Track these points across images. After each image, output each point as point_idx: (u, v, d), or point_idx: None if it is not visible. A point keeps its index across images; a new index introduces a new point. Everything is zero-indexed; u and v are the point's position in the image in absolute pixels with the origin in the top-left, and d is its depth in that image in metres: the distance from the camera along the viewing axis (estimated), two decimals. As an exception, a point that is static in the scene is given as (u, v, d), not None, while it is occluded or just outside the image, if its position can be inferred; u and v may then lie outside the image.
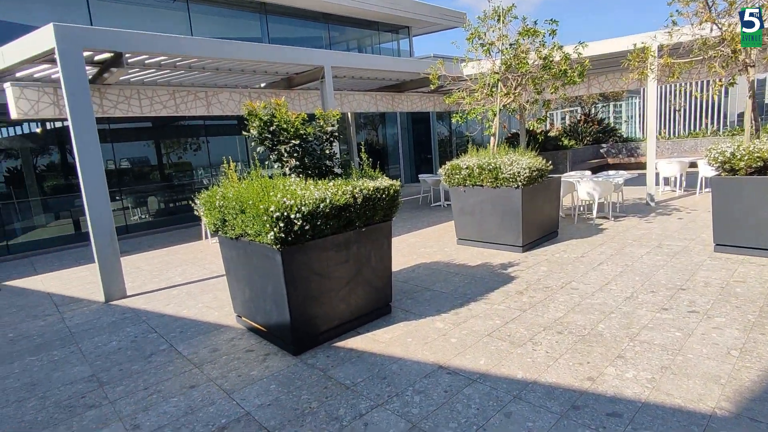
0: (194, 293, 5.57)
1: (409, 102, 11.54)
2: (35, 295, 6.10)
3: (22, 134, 9.99)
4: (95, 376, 3.58)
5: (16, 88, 5.82)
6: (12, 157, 9.63)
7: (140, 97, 6.95)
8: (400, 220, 9.46)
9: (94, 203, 5.27)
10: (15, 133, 9.89)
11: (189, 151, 12.37)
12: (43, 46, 5.04)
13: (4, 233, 9.11)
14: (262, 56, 6.60)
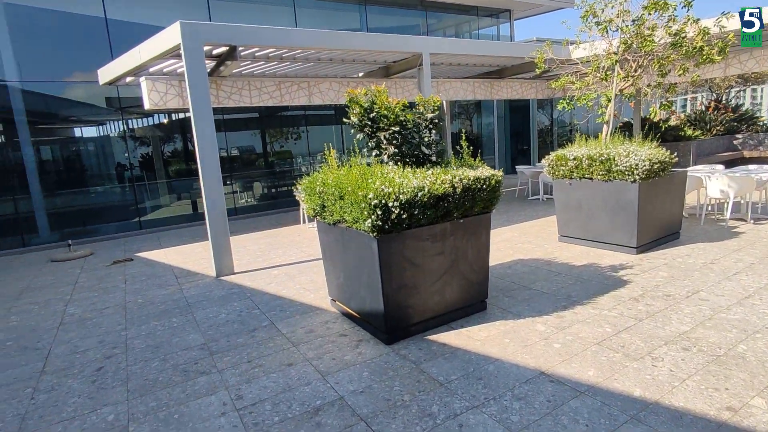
0: (293, 274, 5.84)
1: (509, 89, 10.95)
2: (160, 266, 6.86)
3: (152, 124, 11.30)
4: (206, 345, 3.90)
5: (149, 81, 6.55)
6: (144, 144, 10.95)
7: (250, 88, 7.45)
8: (496, 213, 9.06)
9: (210, 187, 5.73)
10: (147, 124, 11.22)
11: (290, 140, 13.07)
12: (170, 42, 5.56)
13: (137, 211, 10.42)
14: (362, 45, 6.64)
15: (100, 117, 10.36)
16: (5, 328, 4.73)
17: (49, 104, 9.83)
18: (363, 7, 12.90)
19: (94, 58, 8.96)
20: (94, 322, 4.68)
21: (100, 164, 10.84)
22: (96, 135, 10.77)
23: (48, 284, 6.33)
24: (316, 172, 4.33)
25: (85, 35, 9.65)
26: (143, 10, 10.23)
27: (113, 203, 10.73)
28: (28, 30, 9.13)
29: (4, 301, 5.69)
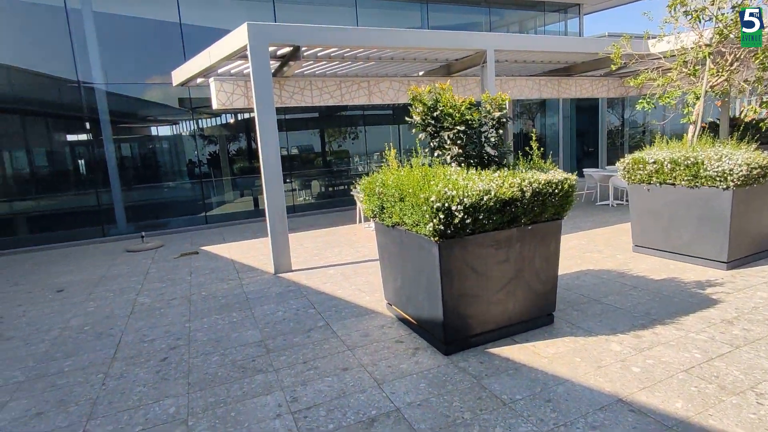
0: (348, 275, 5.81)
1: (578, 87, 10.32)
2: (222, 260, 7.11)
3: (219, 124, 11.83)
4: (263, 342, 3.92)
5: (217, 82, 6.81)
6: (212, 143, 11.48)
7: (311, 87, 7.54)
8: (559, 218, 8.56)
9: (271, 186, 5.83)
10: (214, 123, 11.76)
11: (347, 140, 13.19)
12: (238, 43, 5.71)
13: (204, 206, 10.94)
14: (424, 42, 6.49)
15: (173, 117, 10.98)
16: (84, 313, 5.06)
17: (128, 105, 10.56)
18: (424, 6, 12.72)
19: (169, 61, 9.50)
20: (161, 312, 4.89)
21: (171, 161, 11.50)
22: (169, 134, 11.44)
23: (123, 273, 6.75)
24: (375, 173, 4.24)
25: (162, 40, 10.26)
26: (214, 15, 10.72)
27: (182, 198, 11.35)
28: (112, 36, 9.85)
29: (86, 287, 6.12)
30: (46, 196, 10.21)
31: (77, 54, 9.26)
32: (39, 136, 10.49)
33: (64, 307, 5.30)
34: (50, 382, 3.49)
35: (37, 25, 9.38)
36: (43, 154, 10.57)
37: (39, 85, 9.73)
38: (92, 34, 9.50)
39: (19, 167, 10.34)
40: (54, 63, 9.47)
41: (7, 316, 5.14)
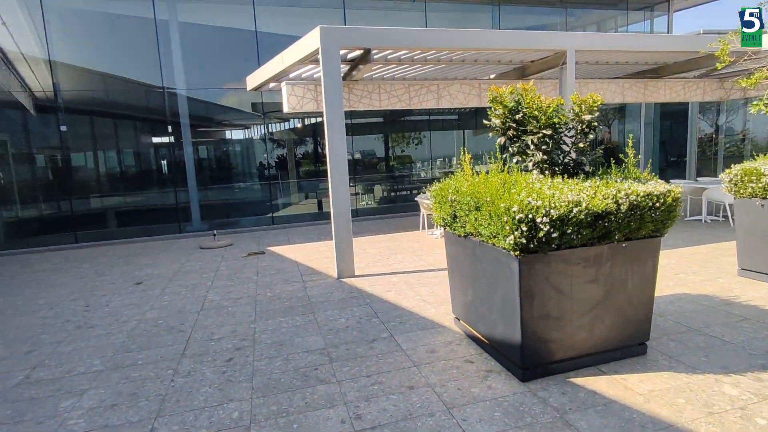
0: (412, 284, 5.60)
1: (668, 90, 9.41)
2: (287, 262, 7.19)
3: (287, 128, 12.16)
4: (326, 350, 3.82)
5: (288, 86, 6.94)
6: (280, 146, 11.82)
7: (380, 91, 7.46)
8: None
9: (337, 190, 5.79)
10: (283, 128, 12.10)
11: (411, 145, 13.05)
12: (310, 46, 5.74)
13: (271, 207, 11.26)
14: (500, 43, 6.17)
15: (246, 121, 11.44)
16: (159, 306, 5.28)
17: (206, 109, 11.15)
18: (496, 7, 12.30)
19: (244, 67, 9.89)
20: (228, 311, 4.97)
21: (243, 163, 12.00)
22: (241, 137, 11.94)
23: (195, 269, 7.02)
24: (447, 178, 4.01)
25: (237, 47, 10.73)
26: (287, 22, 11.05)
27: (252, 199, 11.78)
28: (194, 44, 10.44)
29: (161, 281, 6.43)
30: (131, 193, 11.01)
31: (163, 61, 9.90)
32: (127, 137, 11.36)
33: (142, 300, 5.57)
34: (125, 374, 3.60)
35: (129, 35, 10.16)
36: (130, 154, 11.44)
37: (129, 91, 10.53)
38: (177, 42, 10.12)
39: (110, 166, 11.25)
40: (142, 70, 10.20)
41: (93, 305, 5.49)
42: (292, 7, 11.25)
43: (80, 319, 5.00)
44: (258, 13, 10.40)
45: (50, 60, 9.37)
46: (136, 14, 10.04)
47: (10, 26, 9.74)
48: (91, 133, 10.72)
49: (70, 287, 6.36)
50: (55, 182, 10.06)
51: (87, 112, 10.37)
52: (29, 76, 9.77)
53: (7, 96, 9.55)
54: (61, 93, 9.60)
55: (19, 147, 10.10)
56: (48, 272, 7.41)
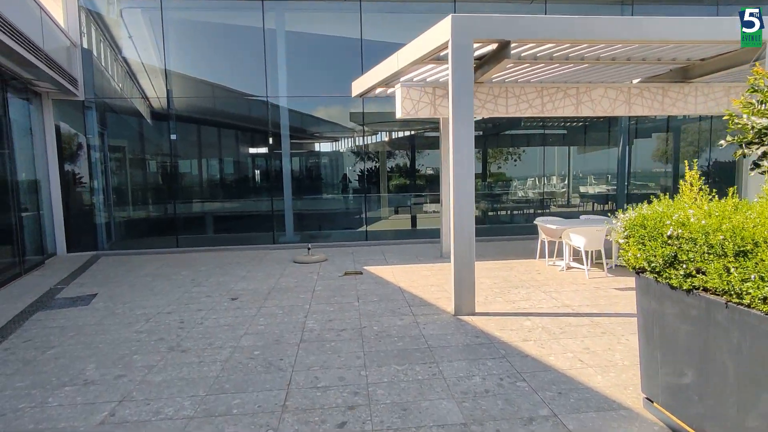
0: (554, 332, 4.44)
1: None
2: (389, 286, 6.35)
3: (381, 140, 11.52)
4: (468, 428, 2.83)
5: (404, 88, 6.19)
6: (374, 158, 11.20)
7: (507, 95, 6.44)
8: None
9: (461, 207, 4.84)
10: (377, 140, 11.49)
11: (509, 161, 11.86)
12: (437, 40, 4.91)
13: (365, 222, 10.62)
14: (674, 34, 4.86)
15: (342, 132, 11.00)
16: (255, 332, 4.67)
17: (305, 120, 10.90)
18: (628, 7, 10.71)
19: (345, 76, 9.44)
20: (332, 347, 4.20)
21: (335, 175, 11.57)
22: (336, 148, 11.53)
23: (291, 287, 6.45)
24: (647, 205, 2.87)
25: (341, 55, 10.36)
26: (389, 29, 10.51)
27: (345, 212, 11.29)
28: (298, 53, 10.24)
29: (257, 298, 5.90)
30: (230, 200, 11.03)
31: (268, 71, 9.76)
32: (229, 146, 11.46)
33: (237, 321, 5.02)
34: (217, 427, 2.91)
35: (237, 45, 10.21)
36: (231, 163, 11.53)
37: (233, 101, 10.58)
38: (282, 52, 9.96)
39: (212, 173, 11.42)
40: (248, 80, 10.18)
41: (188, 322, 5.04)
42: (395, 13, 10.69)
43: (174, 338, 4.53)
44: (364, 20, 9.94)
45: (166, 70, 9.63)
46: (246, 23, 10.07)
47: (135, 39, 10.24)
48: (197, 141, 10.93)
49: (167, 297, 6.07)
50: (164, 186, 10.31)
51: (195, 121, 10.58)
52: (147, 86, 10.17)
53: (128, 104, 9.99)
54: (174, 102, 9.82)
55: (135, 152, 10.53)
56: (150, 277, 7.30)
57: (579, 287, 6.09)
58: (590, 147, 12.88)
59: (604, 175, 12.62)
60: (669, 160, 12.38)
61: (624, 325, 4.59)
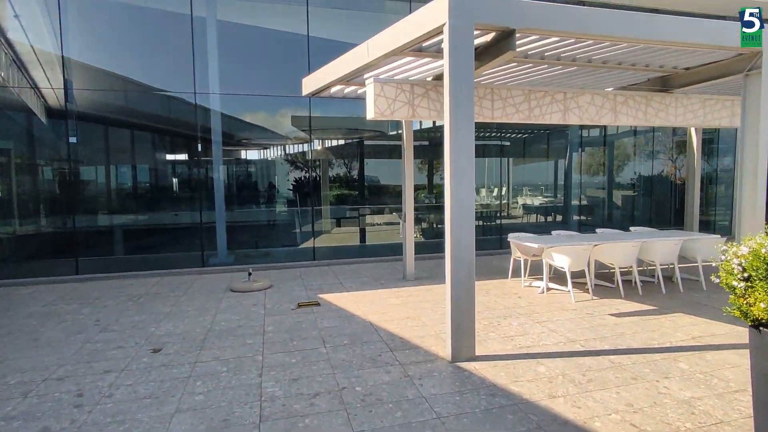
0: (578, 381, 3.63)
1: None
2: (357, 322, 5.26)
3: (330, 147, 10.45)
4: None
5: (377, 84, 5.18)
6: (321, 167, 10.05)
7: (493, 98, 5.69)
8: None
9: (459, 228, 3.93)
10: (326, 146, 10.38)
11: None
12: (428, 24, 3.99)
13: (311, 239, 9.38)
14: (683, 34, 4.39)
15: (283, 139, 9.73)
16: (191, 406, 3.34)
17: (237, 123, 9.50)
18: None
19: (288, 74, 8.27)
20: (306, 426, 3.03)
21: (276, 185, 10.24)
22: (276, 155, 10.22)
23: (232, 328, 5.11)
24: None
25: (285, 52, 9.16)
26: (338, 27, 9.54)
27: (287, 227, 9.99)
28: (233, 46, 8.88)
29: (188, 348, 4.51)
30: (147, 213, 9.24)
31: (197, 65, 8.29)
32: (147, 152, 9.66)
33: (163, 387, 3.64)
34: None
35: (156, 33, 8.61)
36: (148, 170, 9.72)
37: (155, 99, 8.91)
38: (214, 44, 8.54)
39: (123, 182, 9.54)
40: (170, 74, 8.59)
41: (89, 394, 3.56)
42: (346, 9, 9.73)
43: (67, 427, 3.08)
44: (311, 15, 8.85)
45: (63, 58, 7.77)
46: (169, 8, 8.51)
47: (24, 18, 8.22)
48: (105, 144, 9.05)
49: (59, 351, 4.46)
50: (61, 196, 8.32)
51: (102, 120, 8.73)
52: (41, 77, 8.19)
53: (13, 97, 7.94)
54: (74, 97, 7.97)
55: (24, 156, 8.42)
56: (37, 319, 5.53)
57: (571, 314, 5.44)
58: (534, 158, 12.83)
59: (548, 187, 12.58)
60: (604, 172, 12.62)
61: (648, 365, 3.92)
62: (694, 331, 4.80)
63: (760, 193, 4.90)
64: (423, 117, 5.36)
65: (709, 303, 5.83)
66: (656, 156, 13.09)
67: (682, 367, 3.90)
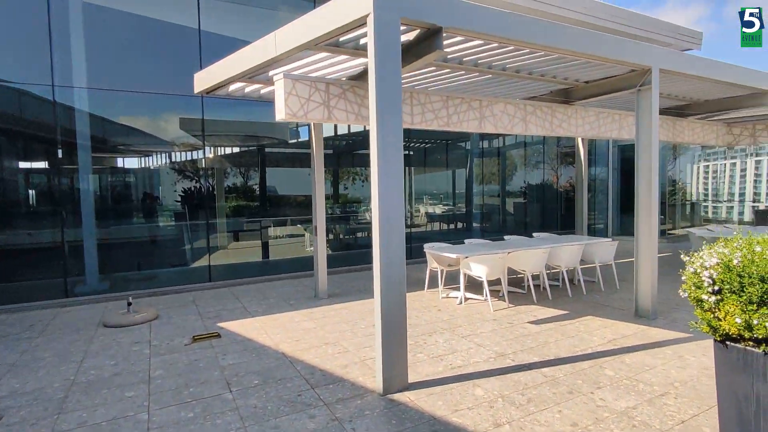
0: (518, 402, 3.41)
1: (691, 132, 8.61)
2: (268, 354, 4.54)
3: (223, 155, 9.47)
4: None
5: (287, 81, 4.54)
6: (214, 176, 9.02)
7: (412, 102, 5.39)
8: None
9: (389, 244, 3.51)
10: (218, 153, 9.37)
11: (357, 183, 11.18)
12: (348, 14, 3.54)
13: (198, 254, 8.28)
14: (593, 47, 4.53)
15: (168, 145, 8.52)
16: (41, 505, 2.40)
17: (108, 125, 8.08)
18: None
19: (178, 73, 7.23)
20: None
21: (161, 196, 8.91)
22: (160, 163, 8.92)
23: (107, 377, 4.06)
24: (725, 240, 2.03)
25: (173, 46, 8.03)
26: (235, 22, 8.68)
27: (175, 244, 8.70)
28: (103, 36, 7.54)
29: (44, 410, 3.42)
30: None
31: (55, 53, 6.84)
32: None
33: (-2, 481, 2.61)
34: None
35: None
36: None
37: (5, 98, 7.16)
38: (79, 29, 7.15)
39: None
40: (22, 64, 6.98)
41: None
42: (243, 5, 8.90)
43: None
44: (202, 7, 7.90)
45: None
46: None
47: None
48: None
49: None
50: None
51: None
52: None
53: None
54: None
55: None
56: None
57: (493, 325, 5.34)
58: (434, 168, 13.10)
59: (446, 195, 12.92)
60: (498, 182, 13.35)
61: (579, 376, 3.87)
62: (607, 333, 4.96)
63: (654, 196, 5.28)
64: (340, 120, 4.87)
65: (610, 303, 6.19)
66: (541, 166, 14.18)
67: (608, 374, 3.91)
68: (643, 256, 5.34)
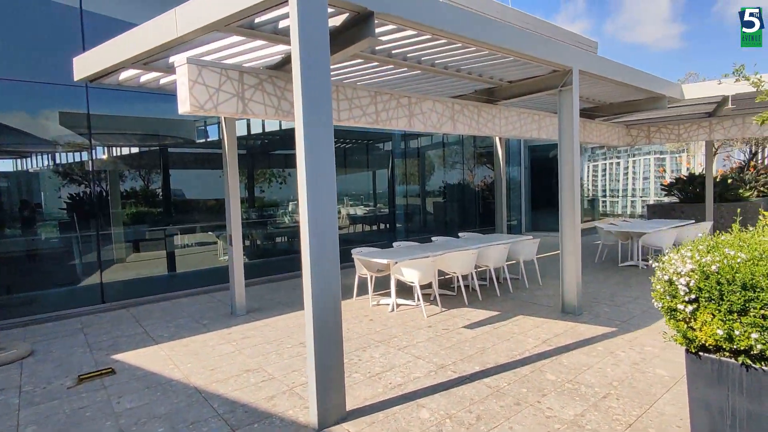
0: (467, 422, 3.15)
1: (598, 132, 9.16)
2: (176, 391, 3.83)
3: (116, 156, 8.30)
4: None
5: (192, 67, 3.82)
6: (107, 180, 7.82)
7: (338, 97, 4.91)
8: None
9: (321, 258, 3.06)
10: (110, 155, 8.17)
11: (274, 185, 10.55)
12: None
13: (90, 270, 7.09)
14: (518, 44, 4.45)
15: (46, 144, 7.19)
16: None
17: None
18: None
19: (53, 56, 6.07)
20: None
21: (38, 203, 7.50)
22: (37, 165, 7.50)
23: (-50, 446, 3.10)
24: (729, 238, 1.90)
25: (44, 26, 6.74)
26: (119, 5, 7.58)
27: (58, 259, 7.35)
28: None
29: None
30: None
31: None
32: None
33: None
34: None
35: None
36: None
37: None
38: None
39: None
40: None
41: None
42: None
43: None
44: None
45: None
46: None
47: None
48: None
49: None
50: None
51: None
52: None
53: None
54: None
55: None
56: None
57: (429, 333, 5.10)
58: (354, 169, 12.79)
59: (367, 196, 12.68)
60: (418, 182, 13.42)
61: (522, 384, 3.73)
62: (540, 333, 4.95)
63: (577, 194, 5.41)
64: (257, 114, 4.27)
65: (537, 300, 6.29)
66: (458, 166, 14.49)
67: (550, 378, 3.82)
68: (568, 253, 5.45)
